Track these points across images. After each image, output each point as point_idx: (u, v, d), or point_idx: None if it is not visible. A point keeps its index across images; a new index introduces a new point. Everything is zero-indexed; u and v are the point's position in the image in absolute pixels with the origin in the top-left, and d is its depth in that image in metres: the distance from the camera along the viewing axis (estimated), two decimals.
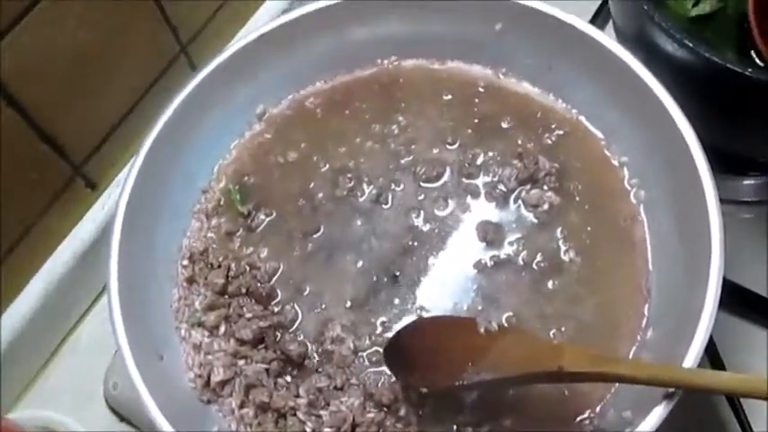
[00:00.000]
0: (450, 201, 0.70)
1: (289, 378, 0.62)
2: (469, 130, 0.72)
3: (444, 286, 0.65)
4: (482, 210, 0.69)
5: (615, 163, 0.70)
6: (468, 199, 0.70)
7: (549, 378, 0.54)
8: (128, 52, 0.77)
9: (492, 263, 0.66)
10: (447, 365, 0.57)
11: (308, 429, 0.60)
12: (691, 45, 0.63)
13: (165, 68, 0.83)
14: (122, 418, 0.75)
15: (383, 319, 0.64)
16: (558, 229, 0.67)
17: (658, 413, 0.54)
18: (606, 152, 0.71)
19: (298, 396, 0.61)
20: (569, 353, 0.53)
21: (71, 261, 0.78)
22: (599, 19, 0.90)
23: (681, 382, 0.52)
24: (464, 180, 0.70)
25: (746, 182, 0.80)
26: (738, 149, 0.73)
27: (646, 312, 0.64)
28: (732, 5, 0.72)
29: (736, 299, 0.73)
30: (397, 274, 0.66)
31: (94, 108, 0.77)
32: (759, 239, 0.78)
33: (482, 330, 0.58)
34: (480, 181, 0.70)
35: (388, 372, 0.61)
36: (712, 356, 0.71)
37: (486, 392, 0.60)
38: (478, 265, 0.66)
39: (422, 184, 0.71)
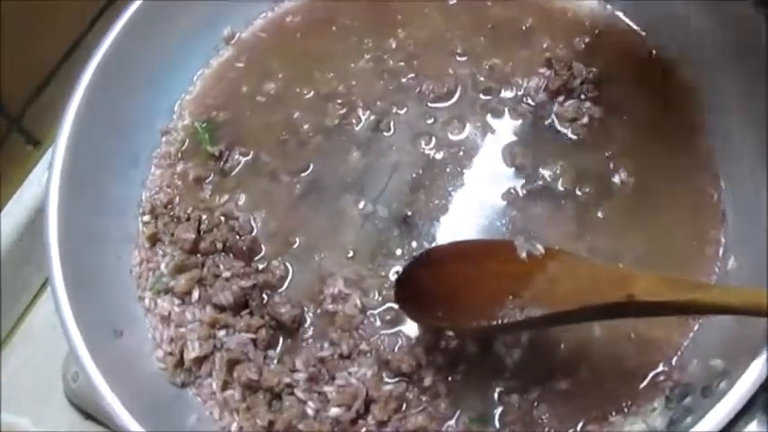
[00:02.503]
0: (466, 122, 0.60)
1: (281, 349, 0.54)
2: (483, 38, 0.63)
3: (468, 224, 0.56)
4: (507, 130, 0.59)
5: (668, 63, 0.60)
6: (489, 118, 0.60)
7: (615, 312, 0.43)
8: None
9: (525, 192, 0.57)
10: (479, 299, 0.47)
11: (309, 410, 0.51)
12: None
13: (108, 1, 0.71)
14: (87, 416, 0.65)
15: (396, 268, 0.55)
16: (603, 147, 0.57)
17: (761, 364, 0.42)
18: (653, 51, 0.60)
19: (294, 370, 0.53)
20: (642, 279, 0.42)
21: (14, 233, 0.68)
22: None
23: None
24: (481, 96, 0.61)
25: None
26: None
27: (722, 238, 0.53)
28: None
29: None
30: (409, 213, 0.57)
31: (30, 46, 0.66)
32: None
33: (523, 255, 0.47)
34: (501, 96, 0.60)
35: (407, 334, 0.52)
36: None
37: (532, 343, 0.50)
38: (508, 196, 0.57)
39: (429, 104, 0.61)
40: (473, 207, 0.56)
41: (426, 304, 0.48)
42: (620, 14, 0.62)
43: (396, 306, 0.52)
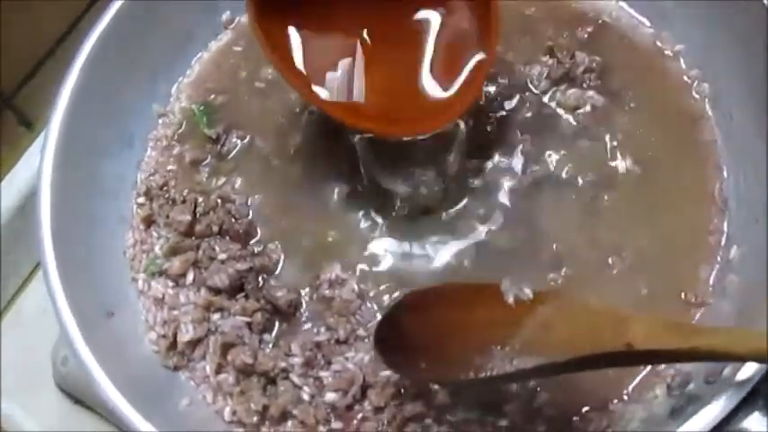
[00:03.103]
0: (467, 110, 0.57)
1: (277, 333, 0.52)
2: None
3: (471, 209, 0.55)
4: (511, 117, 0.58)
5: (668, 53, 0.59)
6: (493, 106, 0.58)
7: (613, 361, 0.41)
8: None
9: (529, 180, 0.55)
10: (465, 349, 0.44)
11: (305, 395, 0.50)
12: None
13: None
14: (75, 400, 0.64)
15: (397, 250, 0.54)
16: (607, 136, 0.56)
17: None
18: (656, 41, 0.60)
19: (290, 354, 0.51)
20: (641, 323, 0.39)
21: (6, 215, 0.67)
22: None
23: None
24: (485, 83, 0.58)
25: None
26: None
27: (725, 228, 0.53)
28: None
29: None
30: (409, 196, 0.55)
31: (25, 25, 0.65)
32: None
33: (510, 300, 0.44)
34: (504, 83, 0.58)
35: None
36: None
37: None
38: (512, 183, 0.56)
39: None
40: (476, 192, 0.55)
41: (409, 355, 0.46)
42: (624, 4, 0.61)
43: (395, 293, 0.51)
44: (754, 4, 0.51)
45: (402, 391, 0.49)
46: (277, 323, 0.52)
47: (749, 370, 0.41)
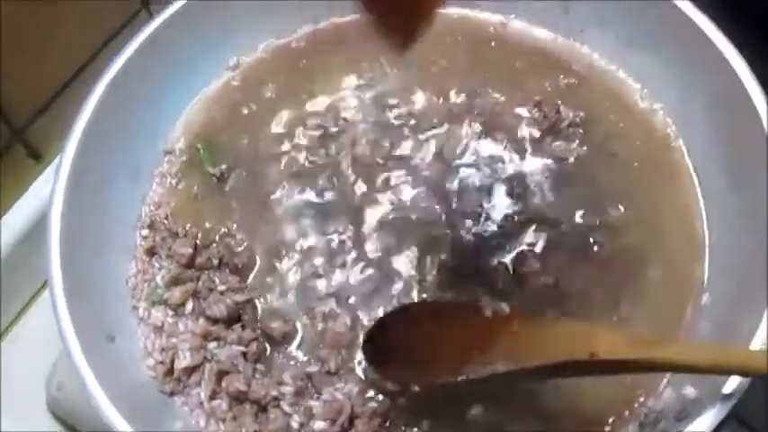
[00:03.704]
0: (461, 156, 0.61)
1: (270, 362, 0.54)
2: (478, 78, 0.64)
3: (466, 246, 0.57)
4: (503, 165, 0.60)
5: (650, 110, 0.62)
6: (486, 153, 0.61)
7: (579, 369, 0.43)
8: None
9: (522, 219, 0.57)
10: (445, 356, 0.47)
11: (294, 423, 0.51)
12: None
13: (123, 24, 0.73)
14: (68, 427, 0.65)
15: (391, 288, 0.55)
16: (590, 183, 0.59)
17: (731, 389, 0.44)
18: (638, 99, 0.62)
19: (282, 383, 0.52)
20: (605, 336, 0.42)
21: (11, 243, 0.68)
22: None
23: (755, 369, 0.40)
24: (477, 132, 0.62)
25: None
26: None
27: (701, 274, 0.55)
28: None
29: None
30: (407, 236, 0.57)
31: (42, 61, 0.67)
32: None
33: (488, 313, 0.48)
34: (496, 133, 0.61)
35: None
36: None
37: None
38: (505, 222, 0.58)
39: (420, 135, 0.62)
40: (474, 233, 0.57)
41: (394, 361, 0.49)
42: (607, 63, 0.64)
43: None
44: (726, 69, 0.54)
45: (388, 422, 0.50)
46: (271, 353, 0.54)
47: (715, 408, 0.43)
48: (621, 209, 0.57)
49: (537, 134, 0.60)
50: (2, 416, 0.65)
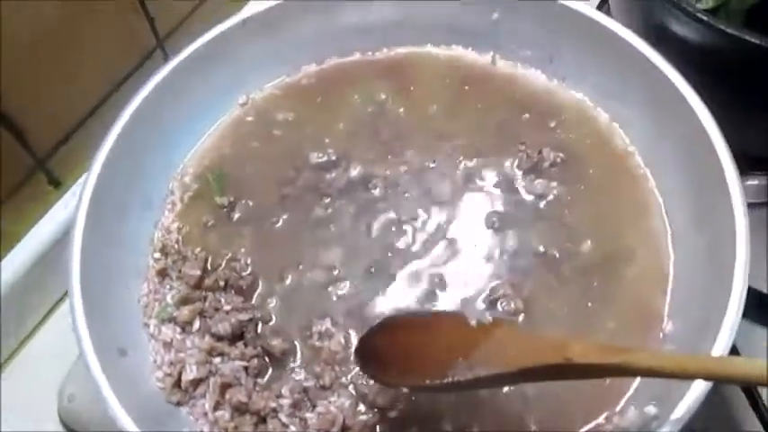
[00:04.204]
0: (449, 190, 0.65)
1: (270, 377, 0.58)
2: (467, 117, 0.69)
3: (449, 276, 0.61)
4: (486, 199, 0.65)
5: (625, 151, 0.66)
6: (470, 188, 0.65)
7: (555, 373, 0.47)
8: (101, 38, 0.73)
9: (502, 252, 0.62)
10: (431, 361, 0.50)
11: None
12: (709, 21, 0.59)
13: (140, 62, 0.79)
14: None
15: (380, 311, 0.59)
16: (567, 219, 0.63)
17: (686, 406, 0.48)
18: (615, 141, 0.67)
19: (280, 396, 0.56)
20: (577, 345, 0.46)
21: (28, 264, 0.72)
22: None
23: (712, 373, 0.44)
24: (464, 169, 0.66)
25: (749, 182, 0.75)
26: (745, 144, 0.69)
27: (665, 304, 0.59)
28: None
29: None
30: (394, 272, 0.61)
31: (62, 96, 0.72)
32: (760, 242, 0.72)
33: (473, 323, 0.51)
34: (482, 170, 0.66)
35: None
36: None
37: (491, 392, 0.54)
38: (488, 254, 0.62)
39: (417, 171, 0.66)
40: (459, 262, 0.61)
41: (383, 366, 0.53)
42: (589, 106, 0.68)
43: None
44: (691, 115, 0.59)
45: None
46: (271, 368, 0.57)
47: (673, 423, 0.48)
48: (592, 242, 0.61)
49: (519, 172, 0.65)
50: (16, 425, 0.68)
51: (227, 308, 0.59)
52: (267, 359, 0.58)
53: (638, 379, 0.54)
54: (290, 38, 0.71)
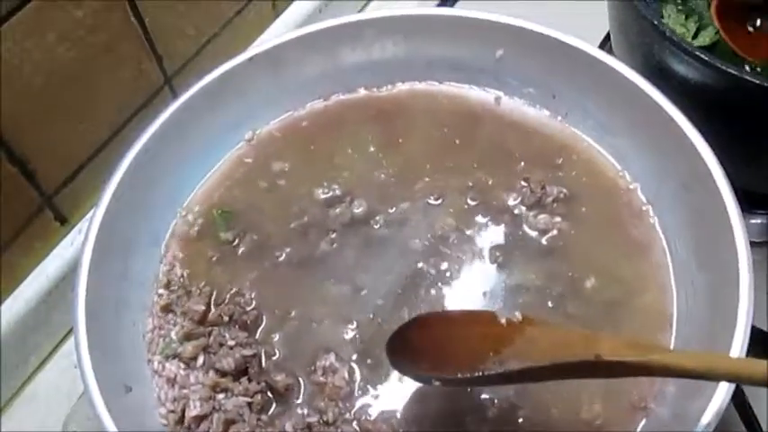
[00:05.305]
0: (456, 225, 0.66)
1: (273, 412, 0.57)
2: (471, 155, 0.70)
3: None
4: (490, 234, 0.65)
5: (626, 188, 0.67)
6: (474, 223, 0.66)
7: (584, 370, 0.47)
8: (109, 78, 0.74)
9: (505, 287, 0.62)
10: (463, 354, 0.51)
11: None
12: (707, 59, 0.60)
13: (147, 100, 0.79)
14: None
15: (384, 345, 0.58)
16: (569, 255, 0.63)
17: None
18: (617, 177, 0.68)
19: None
20: (608, 341, 0.46)
21: (33, 300, 0.72)
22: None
23: (739, 375, 0.44)
24: (468, 204, 0.67)
25: (752, 221, 0.76)
26: (748, 182, 0.69)
27: (669, 342, 0.59)
28: None
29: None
30: (398, 302, 0.62)
31: (71, 134, 0.72)
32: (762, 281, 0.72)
33: (503, 321, 0.52)
34: (485, 205, 0.66)
35: (386, 407, 0.56)
36: None
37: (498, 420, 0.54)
38: (491, 289, 0.62)
39: (422, 207, 0.67)
40: (458, 298, 0.62)
41: (414, 360, 0.53)
42: (591, 143, 0.69)
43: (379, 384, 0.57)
44: (694, 154, 0.60)
45: None
46: (274, 404, 0.57)
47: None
48: (596, 279, 0.61)
49: (523, 208, 0.66)
50: None
51: (232, 343, 0.59)
52: (271, 395, 0.58)
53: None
54: (295, 75, 0.72)
